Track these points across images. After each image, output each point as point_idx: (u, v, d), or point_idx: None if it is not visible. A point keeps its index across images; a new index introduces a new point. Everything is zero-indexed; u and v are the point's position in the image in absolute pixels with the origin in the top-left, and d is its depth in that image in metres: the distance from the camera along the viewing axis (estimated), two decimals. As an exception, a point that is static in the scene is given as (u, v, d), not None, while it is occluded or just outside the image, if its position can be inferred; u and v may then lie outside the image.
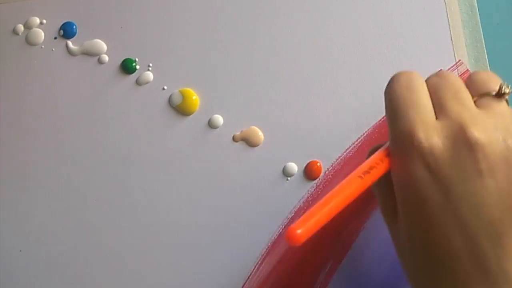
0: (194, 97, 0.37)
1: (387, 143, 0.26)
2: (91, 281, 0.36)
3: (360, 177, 0.24)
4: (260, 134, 0.36)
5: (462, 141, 0.23)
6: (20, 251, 0.36)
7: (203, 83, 0.37)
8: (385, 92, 0.26)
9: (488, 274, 0.22)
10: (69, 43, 0.37)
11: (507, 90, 0.25)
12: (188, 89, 0.37)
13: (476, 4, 0.36)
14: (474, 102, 0.25)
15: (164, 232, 0.36)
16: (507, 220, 0.23)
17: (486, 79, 0.26)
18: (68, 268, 0.36)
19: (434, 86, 0.25)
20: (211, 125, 0.36)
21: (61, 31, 0.37)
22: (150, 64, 0.37)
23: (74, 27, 0.37)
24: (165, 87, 0.37)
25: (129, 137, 0.37)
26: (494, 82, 0.26)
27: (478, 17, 0.36)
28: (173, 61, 0.37)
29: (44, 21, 0.37)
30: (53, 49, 0.37)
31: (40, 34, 0.37)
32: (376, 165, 0.25)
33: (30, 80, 0.37)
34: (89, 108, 0.37)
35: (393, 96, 0.25)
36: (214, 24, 0.37)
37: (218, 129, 0.36)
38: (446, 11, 0.36)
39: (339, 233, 0.35)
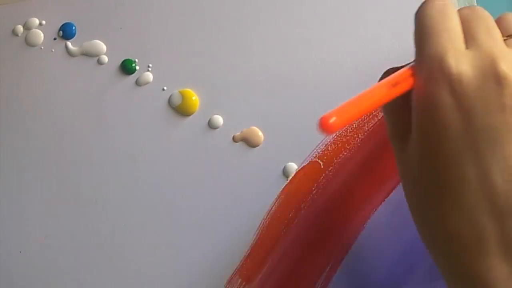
0: (194, 98, 0.37)
1: (411, 63, 0.25)
2: (92, 282, 0.36)
3: (388, 87, 0.24)
4: (260, 134, 0.36)
5: (491, 74, 0.23)
6: (20, 252, 0.36)
7: (203, 83, 0.37)
8: (416, 14, 0.26)
9: (495, 206, 0.22)
10: (69, 44, 0.37)
11: None
12: (188, 89, 0.37)
13: (475, 4, 0.36)
14: (504, 41, 0.25)
15: (165, 232, 0.36)
16: None
17: None
18: (68, 269, 0.36)
19: (467, 17, 0.25)
20: (211, 125, 0.36)
21: (61, 32, 0.37)
22: (150, 65, 0.37)
23: (74, 28, 0.37)
24: (165, 88, 0.37)
25: (129, 137, 0.37)
26: None
27: (478, 17, 0.36)
28: (173, 62, 0.37)
29: (44, 22, 0.37)
30: (53, 50, 0.37)
31: (40, 35, 0.37)
32: (401, 81, 0.24)
33: (30, 81, 0.37)
34: (88, 109, 0.37)
35: (425, 18, 0.25)
36: (213, 24, 0.37)
37: (218, 129, 0.36)
38: (446, 11, 0.36)
39: (340, 233, 0.35)
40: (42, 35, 0.37)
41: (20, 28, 0.37)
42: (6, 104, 0.37)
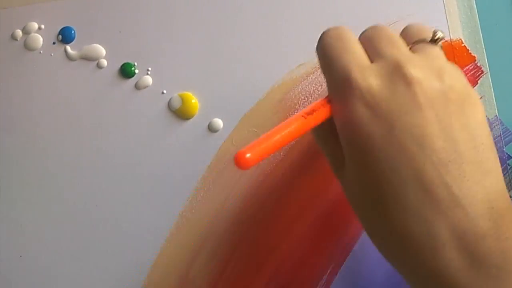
0: (194, 101, 0.37)
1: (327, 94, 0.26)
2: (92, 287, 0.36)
3: (304, 116, 0.25)
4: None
5: (398, 78, 0.24)
6: (20, 257, 0.36)
7: (203, 86, 0.37)
8: (317, 48, 0.27)
9: (438, 201, 0.23)
10: (68, 48, 0.37)
11: (441, 35, 0.26)
12: (188, 92, 0.37)
13: (475, 5, 0.36)
14: (410, 49, 0.26)
15: (166, 235, 0.36)
16: (450, 148, 0.23)
17: (420, 29, 0.27)
18: (69, 274, 0.36)
19: (368, 36, 0.26)
20: (211, 128, 0.36)
21: (60, 36, 0.37)
22: (149, 68, 0.37)
23: (73, 32, 0.37)
24: (164, 91, 0.37)
25: (129, 141, 0.37)
26: (427, 31, 0.27)
27: (477, 18, 0.36)
28: (172, 65, 0.37)
29: (43, 26, 0.37)
30: (52, 54, 0.37)
31: (39, 39, 0.37)
32: (317, 108, 0.25)
33: (29, 85, 0.37)
34: (88, 113, 0.37)
35: (325, 48, 0.26)
36: (213, 27, 0.37)
37: (218, 132, 0.36)
38: (445, 13, 0.36)
39: (340, 236, 0.35)
40: (41, 39, 0.37)
41: (19, 33, 0.37)
42: (5, 108, 0.37)
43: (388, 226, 0.24)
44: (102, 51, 0.37)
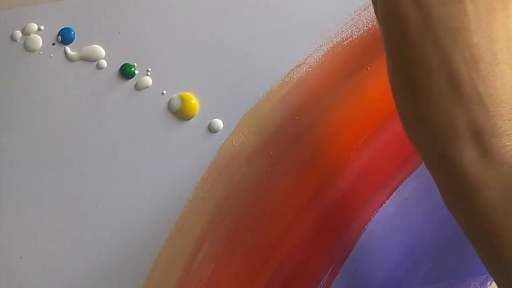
0: (194, 101, 0.37)
1: None
2: None
3: None
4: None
5: None
6: (21, 258, 0.36)
7: (202, 87, 0.37)
8: None
9: (462, 94, 0.23)
10: (67, 49, 0.37)
11: None
12: (187, 93, 0.37)
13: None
14: None
15: (166, 236, 0.36)
16: (484, 45, 0.23)
17: None
18: (69, 276, 0.36)
19: None
20: (211, 129, 0.36)
21: (59, 37, 0.37)
22: (149, 69, 0.37)
23: (72, 32, 0.37)
24: (164, 92, 0.37)
25: (129, 142, 0.37)
26: None
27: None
28: (172, 66, 0.37)
29: (42, 27, 0.37)
30: (52, 55, 0.37)
31: (38, 40, 0.37)
32: None
33: (29, 86, 0.37)
34: (88, 114, 0.37)
35: None
36: (212, 28, 0.37)
37: (218, 133, 0.36)
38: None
39: (340, 236, 0.35)
40: (40, 40, 0.37)
41: (18, 34, 0.37)
42: (5, 109, 0.37)
43: (412, 110, 0.24)
44: (102, 52, 0.37)
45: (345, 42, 0.37)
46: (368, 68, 0.37)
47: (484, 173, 0.23)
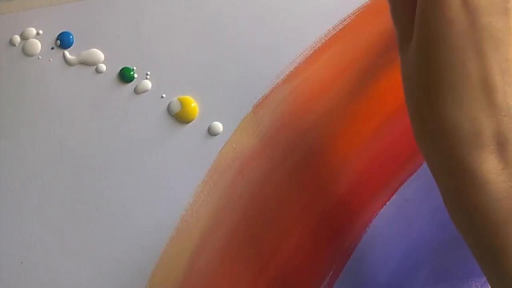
0: (193, 105, 0.36)
1: None
2: (94, 292, 0.36)
3: None
4: (260, 141, 0.36)
5: None
6: (22, 263, 0.36)
7: (202, 90, 0.37)
8: None
9: (493, 103, 0.23)
10: (66, 53, 0.37)
11: None
12: (187, 96, 0.37)
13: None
14: None
15: (167, 239, 0.36)
16: None
17: None
18: (70, 280, 0.36)
19: None
20: (211, 132, 0.36)
21: (58, 41, 0.37)
22: (148, 73, 0.37)
23: (71, 37, 0.37)
24: (164, 95, 0.37)
25: (128, 146, 0.37)
26: None
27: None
28: (171, 69, 0.37)
29: (41, 32, 0.37)
30: (50, 60, 0.37)
31: (37, 45, 0.37)
32: None
33: (28, 91, 0.37)
34: (87, 118, 0.37)
35: None
36: (211, 31, 0.37)
37: (218, 136, 0.36)
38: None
39: (341, 238, 0.35)
40: (39, 44, 0.37)
41: (17, 38, 0.37)
42: (4, 114, 0.37)
43: (438, 116, 0.24)
44: (101, 55, 0.37)
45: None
46: (369, 70, 0.37)
47: (505, 184, 0.23)
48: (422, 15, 0.25)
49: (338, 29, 0.37)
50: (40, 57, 0.37)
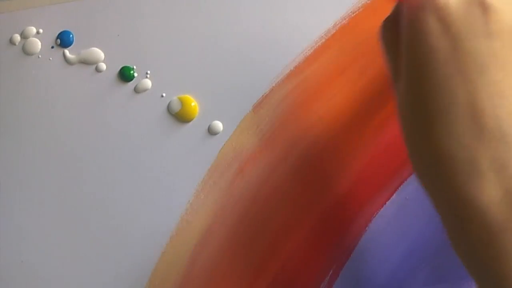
0: (193, 104, 0.36)
1: None
2: (94, 291, 0.36)
3: None
4: (260, 140, 0.36)
5: (477, 2, 0.24)
6: (22, 262, 0.36)
7: (202, 89, 0.37)
8: None
9: (485, 130, 0.23)
10: (66, 52, 0.37)
11: None
12: (187, 95, 0.37)
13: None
14: None
15: (167, 239, 0.36)
16: (508, 82, 0.23)
17: None
18: (70, 279, 0.36)
19: None
20: (210, 131, 0.36)
21: (58, 40, 0.37)
22: (148, 72, 0.37)
23: (71, 36, 0.37)
24: (164, 94, 0.37)
25: (128, 145, 0.37)
26: None
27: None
28: (171, 68, 0.37)
29: (41, 31, 0.37)
30: (50, 59, 0.37)
31: (37, 44, 0.37)
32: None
33: (28, 90, 0.37)
34: (87, 117, 0.37)
35: None
36: (211, 30, 0.37)
37: (218, 135, 0.36)
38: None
39: (341, 237, 0.35)
40: (39, 43, 0.37)
41: (17, 37, 0.37)
42: (4, 113, 0.37)
43: (432, 146, 0.24)
44: (101, 54, 0.37)
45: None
46: (369, 69, 0.37)
47: (505, 214, 0.22)
48: (406, 45, 0.25)
49: (338, 29, 0.37)
50: (40, 56, 0.37)
